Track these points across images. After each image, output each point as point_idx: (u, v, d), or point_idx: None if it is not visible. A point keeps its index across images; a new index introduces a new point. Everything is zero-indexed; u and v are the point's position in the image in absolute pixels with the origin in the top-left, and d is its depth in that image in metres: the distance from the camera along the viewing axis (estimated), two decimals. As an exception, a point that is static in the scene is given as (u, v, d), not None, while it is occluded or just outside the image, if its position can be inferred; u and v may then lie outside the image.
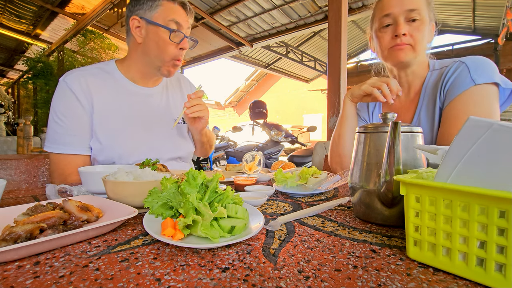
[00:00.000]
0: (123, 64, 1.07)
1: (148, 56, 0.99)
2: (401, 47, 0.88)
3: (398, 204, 0.49)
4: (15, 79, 10.49)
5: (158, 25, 0.94)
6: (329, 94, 2.61)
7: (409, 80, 0.97)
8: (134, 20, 0.96)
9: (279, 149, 4.04)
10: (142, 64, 1.03)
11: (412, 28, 0.87)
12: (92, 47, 7.38)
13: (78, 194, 0.74)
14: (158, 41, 0.95)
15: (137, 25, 0.96)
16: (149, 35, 0.95)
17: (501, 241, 0.31)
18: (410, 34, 0.87)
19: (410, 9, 0.86)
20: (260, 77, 17.02)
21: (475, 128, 0.34)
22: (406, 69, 0.95)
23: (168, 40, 0.95)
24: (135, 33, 0.97)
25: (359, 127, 0.59)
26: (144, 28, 0.96)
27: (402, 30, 0.86)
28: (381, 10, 0.92)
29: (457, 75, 0.85)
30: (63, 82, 0.98)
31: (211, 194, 0.49)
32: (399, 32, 0.87)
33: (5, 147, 5.41)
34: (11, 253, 0.35)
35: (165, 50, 0.96)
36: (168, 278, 0.33)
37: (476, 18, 8.42)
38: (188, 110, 0.96)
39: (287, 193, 0.82)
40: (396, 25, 0.88)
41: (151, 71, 1.05)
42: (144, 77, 1.09)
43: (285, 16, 5.63)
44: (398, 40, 0.88)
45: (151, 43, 0.96)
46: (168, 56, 0.98)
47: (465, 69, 0.85)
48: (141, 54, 1.01)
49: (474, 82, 0.81)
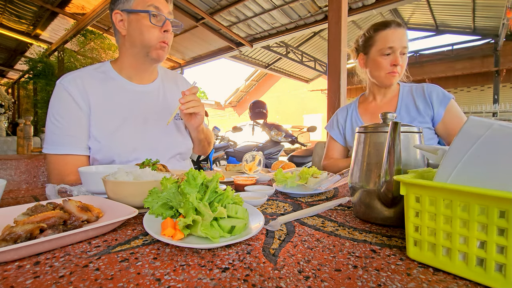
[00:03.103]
0: (117, 63, 1.09)
1: (135, 45, 1.00)
2: (395, 74, 1.19)
3: (398, 204, 0.49)
4: (15, 79, 10.49)
5: (137, 11, 0.95)
6: (329, 94, 2.61)
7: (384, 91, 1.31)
8: (117, 14, 0.98)
9: (279, 149, 4.04)
10: (132, 56, 1.04)
11: (402, 60, 1.18)
12: (92, 47, 7.38)
13: (78, 194, 0.74)
14: (141, 27, 0.96)
15: (120, 19, 0.98)
16: (132, 25, 0.97)
17: (501, 241, 0.31)
18: (401, 65, 1.18)
19: (404, 46, 1.17)
20: (260, 77, 17.02)
21: (475, 128, 0.34)
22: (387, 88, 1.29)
23: (150, 24, 0.96)
24: (119, 27, 0.99)
25: (359, 127, 0.60)
26: (126, 20, 0.98)
27: (399, 61, 1.16)
28: (385, 41, 1.18)
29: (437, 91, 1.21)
30: (60, 84, 0.99)
31: (211, 194, 0.49)
32: (398, 63, 1.16)
33: (5, 147, 5.42)
34: (11, 253, 0.35)
35: (149, 34, 0.97)
36: (168, 278, 0.33)
37: (476, 18, 8.42)
38: (183, 106, 0.96)
39: (287, 193, 0.82)
40: (395, 57, 1.17)
41: (142, 63, 1.06)
42: (137, 72, 1.10)
43: (285, 16, 5.63)
44: (395, 68, 1.18)
45: (135, 32, 0.98)
46: (153, 39, 0.98)
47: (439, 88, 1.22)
48: (129, 47, 1.02)
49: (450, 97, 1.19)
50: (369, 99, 1.37)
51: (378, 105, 1.32)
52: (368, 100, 1.37)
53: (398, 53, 1.16)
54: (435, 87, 1.22)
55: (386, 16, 8.98)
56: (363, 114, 1.37)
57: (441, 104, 1.17)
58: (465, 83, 10.31)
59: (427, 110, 1.20)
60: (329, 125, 1.48)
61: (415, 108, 1.22)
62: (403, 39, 1.16)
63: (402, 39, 1.16)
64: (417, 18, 9.78)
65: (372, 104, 1.34)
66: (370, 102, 1.35)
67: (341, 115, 1.43)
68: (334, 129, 1.44)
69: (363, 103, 1.40)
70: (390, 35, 1.17)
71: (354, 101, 1.45)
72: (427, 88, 1.23)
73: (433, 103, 1.19)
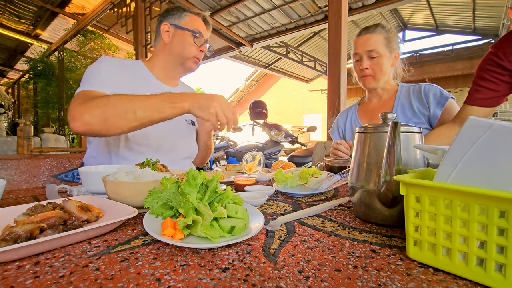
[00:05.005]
0: (149, 63, 1.20)
1: (173, 54, 1.15)
2: (366, 77, 1.25)
3: (398, 204, 0.49)
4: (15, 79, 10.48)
5: (186, 29, 1.13)
6: (329, 94, 2.61)
7: (379, 93, 1.32)
8: (165, 25, 1.14)
9: (279, 149, 4.04)
10: (166, 61, 1.18)
11: (372, 63, 1.22)
12: (92, 47, 7.38)
13: (78, 194, 0.74)
14: (184, 42, 1.14)
15: (166, 29, 1.14)
16: (176, 37, 1.14)
17: (501, 241, 0.31)
18: (371, 68, 1.22)
19: (369, 49, 1.20)
20: (260, 77, 17.01)
21: (475, 128, 0.34)
22: (373, 90, 1.31)
23: (192, 42, 1.14)
24: (164, 35, 1.15)
25: (359, 127, 0.60)
26: (171, 32, 1.14)
27: (364, 66, 1.22)
28: (354, 48, 1.26)
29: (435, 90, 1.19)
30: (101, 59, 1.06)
31: (211, 194, 0.49)
32: (362, 67, 1.23)
33: (5, 147, 5.41)
34: (11, 253, 0.35)
35: (188, 49, 1.14)
36: (168, 278, 0.33)
37: (476, 18, 8.42)
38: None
39: (287, 193, 0.82)
40: (361, 62, 1.23)
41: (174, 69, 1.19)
42: (166, 75, 1.20)
43: (285, 16, 5.63)
44: (363, 72, 1.24)
45: (178, 44, 1.14)
46: (190, 54, 1.15)
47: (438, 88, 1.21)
48: (167, 53, 1.16)
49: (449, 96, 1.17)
50: (367, 101, 1.39)
51: (375, 107, 1.34)
52: (367, 102, 1.40)
53: (365, 57, 1.21)
54: (433, 87, 1.21)
55: (386, 16, 8.99)
56: (362, 116, 1.39)
57: (438, 104, 1.17)
58: (465, 83, 10.29)
59: (423, 110, 1.19)
60: (331, 130, 1.54)
61: (411, 108, 1.22)
62: (368, 43, 1.20)
63: (366, 43, 1.20)
64: (417, 18, 9.78)
65: (370, 106, 1.36)
66: (368, 104, 1.38)
67: (341, 119, 1.48)
68: (334, 133, 1.50)
69: (362, 105, 1.42)
70: (357, 42, 1.24)
71: (355, 103, 1.48)
72: (425, 88, 1.22)
73: (429, 104, 1.18)
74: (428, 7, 8.55)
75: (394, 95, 1.29)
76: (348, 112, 1.45)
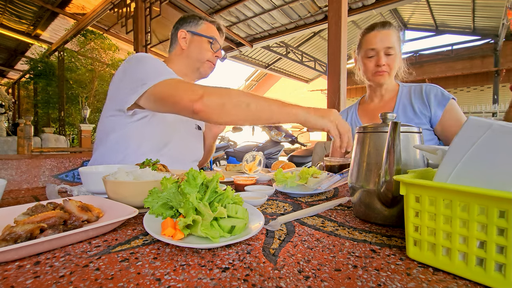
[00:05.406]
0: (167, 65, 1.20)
1: (190, 58, 1.20)
2: (382, 73, 1.22)
3: (398, 204, 0.49)
4: (15, 79, 10.49)
5: (203, 35, 1.18)
6: (329, 94, 2.61)
7: (382, 93, 1.32)
8: (182, 32, 1.19)
9: (279, 149, 4.04)
10: (183, 65, 1.21)
11: (388, 60, 1.20)
12: (92, 47, 7.39)
13: (78, 194, 0.74)
14: (201, 48, 1.19)
15: (183, 36, 1.19)
16: (193, 43, 1.20)
17: (500, 241, 0.31)
18: (387, 64, 1.20)
19: (388, 46, 1.18)
20: (260, 77, 17.01)
21: (475, 128, 0.34)
22: (380, 87, 1.30)
23: (208, 47, 1.19)
24: (181, 42, 1.19)
25: (358, 127, 0.60)
26: (188, 39, 1.20)
27: (382, 62, 1.19)
28: (368, 44, 1.22)
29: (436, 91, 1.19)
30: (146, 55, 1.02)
31: (211, 194, 0.49)
32: (380, 63, 1.19)
33: (5, 147, 5.42)
34: (11, 253, 0.35)
35: (205, 54, 1.20)
36: (168, 278, 0.33)
37: (476, 19, 8.42)
38: None
39: (287, 193, 0.82)
40: (378, 58, 1.20)
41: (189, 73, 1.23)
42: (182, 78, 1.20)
43: (285, 16, 5.63)
44: (379, 68, 1.21)
45: (195, 49, 1.19)
46: (206, 58, 1.20)
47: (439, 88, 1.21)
48: (184, 58, 1.21)
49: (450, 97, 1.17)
50: (368, 100, 1.38)
51: (376, 107, 1.32)
52: (367, 102, 1.38)
53: (382, 53, 1.19)
54: (434, 88, 1.21)
55: (386, 16, 8.99)
56: (362, 115, 1.38)
57: (439, 105, 1.16)
58: (465, 83, 10.30)
59: (424, 111, 1.19)
60: None
61: (412, 109, 1.21)
62: (386, 39, 1.18)
63: (385, 40, 1.18)
64: (417, 18, 9.78)
65: (371, 105, 1.35)
66: (369, 104, 1.37)
67: None
68: None
69: (363, 104, 1.41)
70: (372, 37, 1.21)
71: (355, 103, 1.46)
72: (426, 88, 1.22)
73: (430, 104, 1.18)
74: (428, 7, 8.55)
75: (395, 95, 1.28)
76: (348, 112, 1.44)
